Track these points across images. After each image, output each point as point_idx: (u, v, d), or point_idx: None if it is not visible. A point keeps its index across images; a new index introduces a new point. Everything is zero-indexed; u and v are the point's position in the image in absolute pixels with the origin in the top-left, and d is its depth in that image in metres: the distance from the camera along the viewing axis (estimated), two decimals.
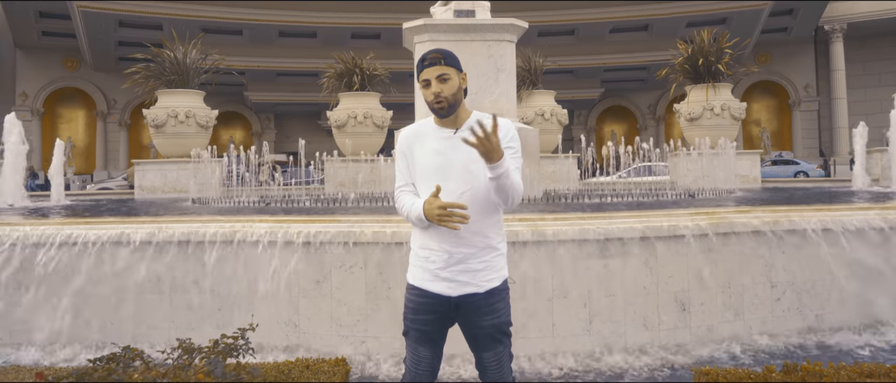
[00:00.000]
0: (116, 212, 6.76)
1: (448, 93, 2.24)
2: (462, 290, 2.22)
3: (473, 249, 2.23)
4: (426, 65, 2.26)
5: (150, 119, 11.10)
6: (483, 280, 2.23)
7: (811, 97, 32.07)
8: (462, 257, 2.22)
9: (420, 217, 2.17)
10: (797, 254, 4.88)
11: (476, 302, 2.23)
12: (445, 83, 2.24)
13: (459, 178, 2.22)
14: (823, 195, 8.05)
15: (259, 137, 31.55)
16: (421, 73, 2.28)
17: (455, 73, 2.27)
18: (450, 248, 2.22)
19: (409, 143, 2.31)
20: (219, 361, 1.51)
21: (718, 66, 11.55)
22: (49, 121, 30.25)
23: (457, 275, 2.22)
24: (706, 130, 11.44)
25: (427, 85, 2.25)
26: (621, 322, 4.47)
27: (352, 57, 12.51)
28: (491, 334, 2.26)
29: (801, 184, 12.56)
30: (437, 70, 2.24)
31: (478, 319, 2.24)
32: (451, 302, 2.23)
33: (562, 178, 11.39)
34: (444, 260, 2.22)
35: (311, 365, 2.15)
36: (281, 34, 26.59)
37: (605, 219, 4.69)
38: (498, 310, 2.26)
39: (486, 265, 2.24)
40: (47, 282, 4.58)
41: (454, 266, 2.22)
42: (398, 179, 2.33)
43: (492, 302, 2.24)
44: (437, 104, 2.24)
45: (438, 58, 2.26)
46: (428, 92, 2.25)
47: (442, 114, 2.25)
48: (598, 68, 29.44)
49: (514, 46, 7.98)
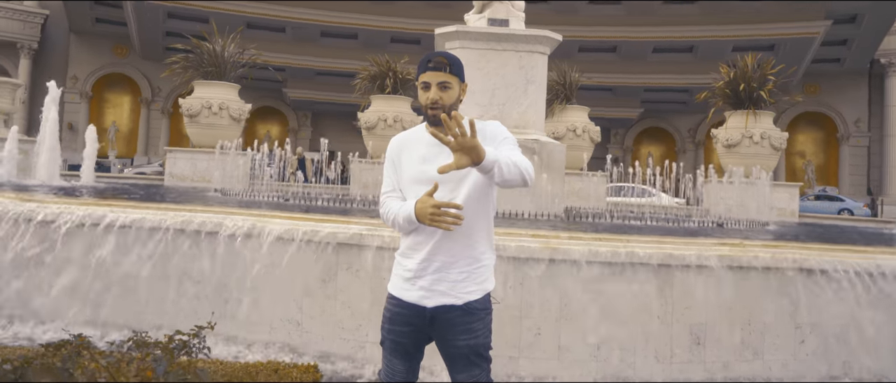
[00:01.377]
0: (130, 195, 6.85)
1: (447, 102, 2.13)
2: (438, 301, 2.10)
3: (454, 258, 2.11)
4: (430, 67, 2.15)
5: (185, 108, 11.31)
6: (462, 291, 2.11)
7: (862, 132, 30.83)
8: (441, 265, 2.11)
9: (409, 218, 2.06)
10: (826, 296, 4.59)
11: (452, 318, 2.11)
12: (445, 91, 2.13)
13: (445, 186, 2.11)
14: (863, 235, 7.63)
15: (295, 134, 32.00)
16: (422, 73, 2.16)
17: (457, 84, 2.17)
18: (428, 256, 2.11)
19: (398, 150, 2.23)
20: (162, 359, 1.43)
21: (761, 92, 11.16)
22: (96, 105, 31.30)
23: (434, 284, 2.11)
24: (744, 158, 11.04)
25: (426, 88, 2.14)
26: (631, 350, 4.26)
27: (386, 60, 12.54)
28: (466, 356, 2.13)
29: (841, 221, 12.01)
30: (440, 76, 2.13)
31: (452, 338, 2.12)
32: (426, 315, 2.12)
33: (589, 196, 11.14)
34: (422, 267, 2.12)
35: (279, 368, 2.06)
36: (322, 34, 26.94)
37: (622, 241, 4.50)
38: (475, 331, 2.13)
39: (467, 276, 2.12)
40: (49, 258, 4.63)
41: (432, 274, 2.11)
42: (385, 185, 2.24)
43: (469, 321, 2.12)
44: (431, 110, 2.13)
45: (443, 63, 2.15)
46: (425, 95, 2.15)
47: (435, 120, 2.14)
48: (638, 88, 28.91)
49: (547, 59, 7.83)
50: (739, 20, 25.43)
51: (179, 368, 1.41)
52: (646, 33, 26.44)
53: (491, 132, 2.14)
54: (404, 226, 2.11)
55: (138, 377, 1.37)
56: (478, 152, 1.88)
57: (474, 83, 7.43)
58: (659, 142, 33.59)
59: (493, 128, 2.17)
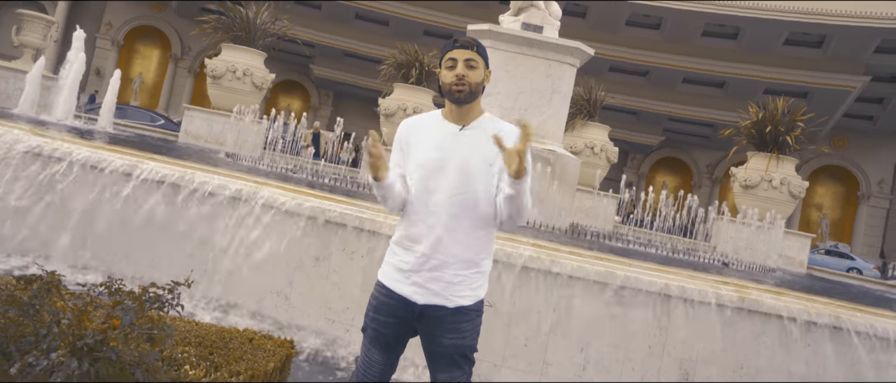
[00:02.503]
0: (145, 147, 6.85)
1: (473, 80, 2.05)
2: (429, 299, 2.03)
3: (452, 259, 2.03)
4: (457, 45, 2.08)
5: (210, 69, 11.33)
6: (455, 294, 2.04)
7: (884, 194, 30.32)
8: (438, 264, 2.03)
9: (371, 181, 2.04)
10: (825, 352, 4.46)
11: (442, 316, 2.03)
12: (472, 70, 2.06)
13: (456, 178, 2.03)
14: (871, 296, 7.46)
15: (315, 111, 32.08)
16: (448, 52, 2.08)
17: (482, 66, 2.09)
18: (427, 251, 2.03)
19: (408, 132, 2.14)
20: (131, 309, 1.37)
21: (787, 137, 10.95)
22: (125, 54, 31.57)
23: (428, 282, 2.03)
24: (760, 201, 10.85)
25: (452, 66, 2.05)
26: (617, 375, 4.18)
27: (414, 49, 12.48)
28: (450, 355, 2.05)
29: (850, 280, 11.78)
30: (466, 53, 2.06)
31: (439, 335, 2.04)
32: (416, 310, 2.04)
33: (598, 216, 11.01)
34: (419, 263, 2.04)
35: (254, 338, 2.00)
36: (356, 16, 26.95)
37: (624, 264, 4.41)
38: (462, 331, 2.06)
39: (462, 280, 2.05)
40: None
41: (428, 272, 2.03)
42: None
43: (458, 320, 2.04)
44: (457, 87, 2.04)
45: (471, 43, 2.09)
46: (450, 73, 2.06)
47: (459, 99, 2.05)
48: (662, 115, 28.63)
49: (575, 71, 7.73)
50: (776, 62, 25.09)
51: (148, 321, 1.36)
52: (679, 62, 26.17)
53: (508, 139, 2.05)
54: (375, 192, 2.07)
55: (105, 324, 1.32)
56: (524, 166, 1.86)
57: (500, 85, 7.36)
58: (675, 172, 33.27)
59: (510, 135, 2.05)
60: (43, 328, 1.29)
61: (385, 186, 2.02)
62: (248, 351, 1.86)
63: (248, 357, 1.83)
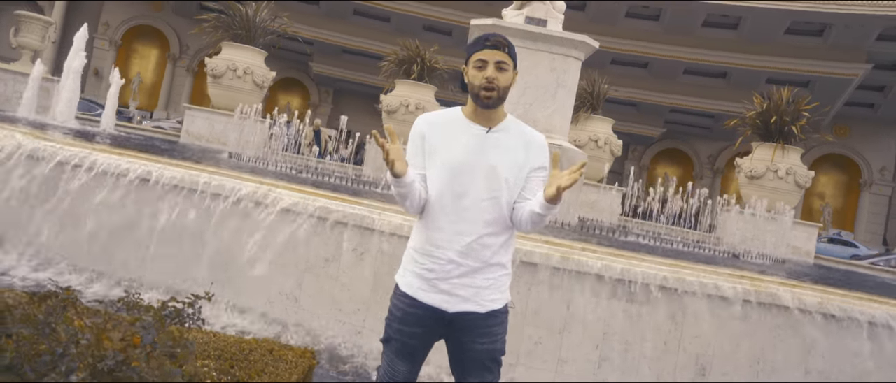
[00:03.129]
0: (149, 150, 6.79)
1: (503, 84, 1.97)
2: (461, 306, 1.96)
3: (482, 264, 1.96)
4: (488, 45, 1.98)
5: (210, 68, 11.25)
6: (486, 299, 1.97)
7: (886, 181, 30.27)
8: (467, 271, 1.95)
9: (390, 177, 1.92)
10: (842, 344, 4.41)
11: (473, 321, 1.96)
12: (502, 73, 1.97)
13: (485, 183, 1.96)
14: (885, 287, 7.40)
15: (315, 108, 31.97)
16: (478, 51, 1.99)
17: (512, 68, 2.01)
18: (456, 258, 1.95)
19: (430, 130, 2.01)
20: (151, 326, 1.31)
21: (793, 127, 10.88)
22: (123, 54, 31.44)
23: (457, 289, 1.95)
24: (766, 191, 10.79)
25: (482, 67, 1.96)
26: (633, 372, 4.13)
27: (416, 45, 12.39)
28: (481, 360, 1.99)
29: (860, 269, 11.73)
30: (498, 55, 1.97)
31: (470, 341, 1.98)
32: (445, 318, 1.97)
33: (603, 210, 10.95)
34: (446, 270, 1.95)
35: (274, 349, 1.94)
36: (355, 12, 26.81)
37: (637, 260, 4.36)
38: (495, 335, 1.99)
39: (492, 283, 1.98)
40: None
41: (457, 279, 1.95)
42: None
43: (490, 324, 1.98)
44: (486, 91, 1.95)
45: (503, 43, 1.99)
46: (479, 74, 1.96)
47: (487, 103, 1.97)
48: (663, 107, 28.53)
49: (580, 65, 7.66)
50: (777, 52, 24.98)
51: (168, 338, 1.30)
52: (680, 53, 26.05)
53: (536, 149, 2.03)
54: (394, 190, 1.95)
55: (124, 342, 1.26)
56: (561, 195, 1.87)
57: None
58: (677, 164, 33.19)
59: (538, 146, 2.04)
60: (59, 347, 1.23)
61: (406, 182, 1.91)
62: (269, 364, 1.80)
63: (270, 369, 1.77)
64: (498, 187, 1.96)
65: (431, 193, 1.99)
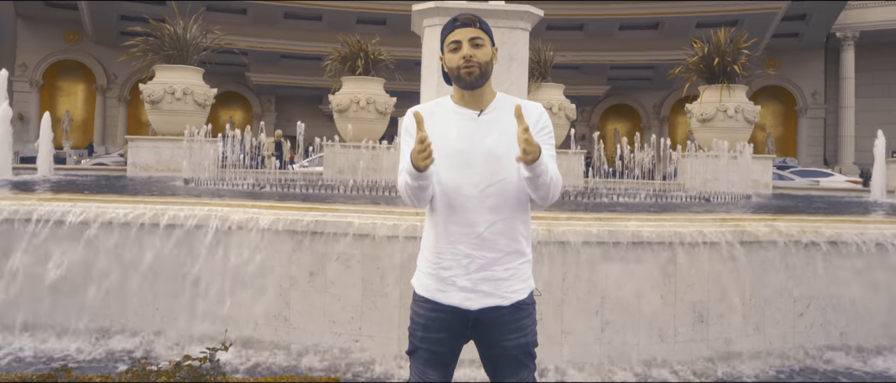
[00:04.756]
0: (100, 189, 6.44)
1: (482, 59, 1.87)
2: (483, 302, 1.86)
3: (498, 253, 1.86)
4: (458, 25, 1.89)
5: (147, 94, 10.75)
6: (508, 291, 1.88)
7: (818, 104, 31.73)
8: (485, 263, 1.85)
9: (411, 171, 1.76)
10: (822, 268, 4.57)
11: (500, 317, 1.87)
12: (479, 48, 1.87)
13: (485, 168, 1.86)
14: (842, 205, 7.74)
15: (259, 119, 31.12)
16: (450, 33, 1.89)
17: (489, 43, 1.91)
18: (470, 251, 1.85)
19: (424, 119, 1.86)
20: None
21: (734, 66, 11.21)
22: (48, 94, 29.83)
23: (478, 284, 1.85)
24: (718, 132, 11.11)
25: (456, 48, 1.87)
26: (635, 329, 4.17)
27: (357, 40, 12.15)
28: (515, 356, 1.91)
29: (815, 192, 12.25)
30: (470, 32, 1.87)
31: (500, 338, 1.89)
32: (470, 318, 1.87)
33: (568, 174, 11.06)
34: (462, 265, 1.85)
35: None
36: (285, 15, 26.14)
37: (622, 220, 4.39)
38: (524, 328, 1.91)
39: (513, 273, 1.89)
40: None
41: (475, 273, 1.85)
42: (403, 161, 1.90)
43: (518, 317, 1.89)
44: (466, 69, 1.85)
45: (473, 19, 1.90)
46: (456, 56, 1.87)
47: (470, 83, 1.87)
48: (604, 65, 29.05)
49: (528, 35, 7.63)
50: None
51: None
52: (612, 10, 26.49)
53: (534, 117, 1.92)
54: (413, 185, 1.80)
55: None
56: (534, 150, 1.71)
57: None
58: (625, 118, 33.91)
59: (537, 114, 1.93)
60: None
61: (428, 175, 1.79)
62: None
63: None
64: (501, 170, 1.86)
65: (434, 188, 1.89)
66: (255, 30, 26.00)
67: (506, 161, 1.86)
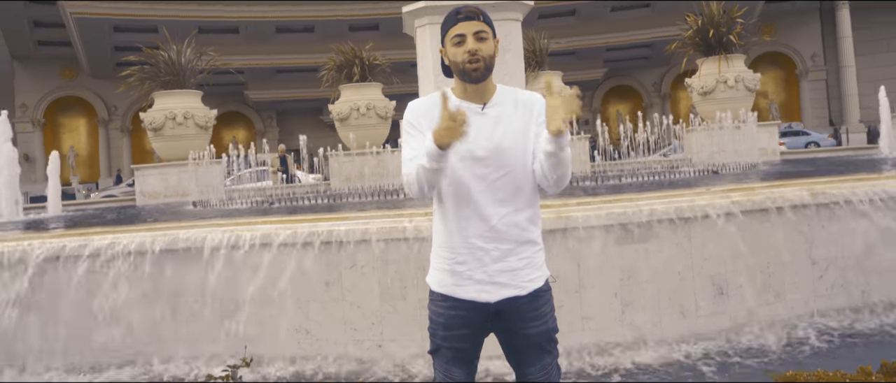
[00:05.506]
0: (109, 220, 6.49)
1: (486, 53, 1.85)
2: (502, 294, 1.86)
3: (512, 244, 1.87)
4: (461, 18, 1.86)
5: (148, 122, 10.82)
6: (525, 280, 1.88)
7: (818, 66, 31.50)
8: (499, 254, 1.85)
9: (431, 151, 1.71)
10: (837, 229, 4.54)
11: (519, 307, 1.88)
12: (483, 42, 1.86)
13: (493, 161, 1.85)
14: (852, 164, 7.68)
15: (262, 136, 31.26)
16: (453, 27, 1.86)
17: (492, 36, 1.89)
18: (484, 244, 1.85)
19: (427, 116, 1.87)
20: None
21: (730, 36, 11.14)
22: (50, 132, 30.08)
23: (494, 276, 1.86)
24: (720, 104, 11.05)
25: (461, 42, 1.85)
26: (655, 308, 4.16)
27: (351, 48, 12.17)
28: (538, 343, 1.92)
29: (824, 154, 12.17)
30: (474, 25, 1.85)
31: (522, 327, 1.89)
32: (490, 310, 1.88)
33: (575, 161, 11.04)
34: (477, 258, 1.86)
35: None
36: (278, 30, 26.24)
37: (632, 201, 4.37)
38: (544, 316, 1.92)
39: (527, 262, 1.89)
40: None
41: (491, 265, 1.85)
42: (406, 152, 1.87)
43: (537, 306, 1.90)
44: (472, 64, 1.83)
45: (476, 12, 1.87)
46: (460, 50, 1.85)
47: (476, 77, 1.86)
48: (600, 48, 28.96)
49: (520, 26, 7.63)
50: None
51: None
52: None
53: (537, 105, 1.90)
54: (431, 169, 1.75)
55: None
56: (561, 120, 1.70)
57: None
58: (626, 99, 33.81)
59: (540, 103, 1.91)
60: None
61: (448, 156, 1.74)
62: None
63: None
64: (507, 162, 1.86)
65: (442, 184, 1.89)
66: (250, 47, 26.12)
67: (513, 153, 1.87)
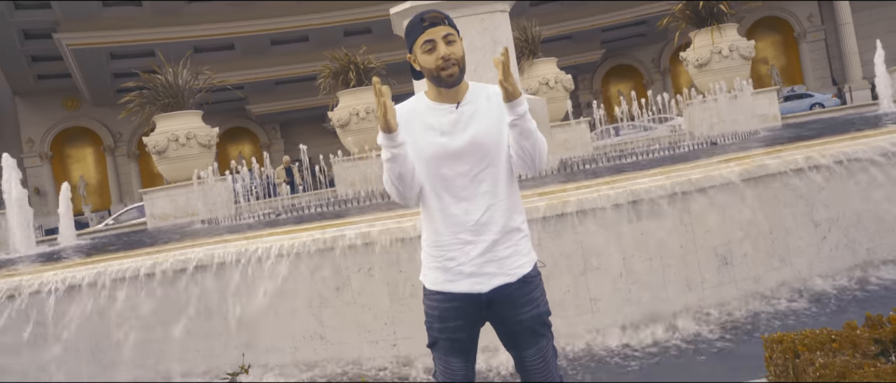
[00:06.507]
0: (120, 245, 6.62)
1: (458, 55, 1.90)
2: (492, 283, 1.93)
3: (498, 235, 1.94)
4: (426, 25, 1.90)
5: (151, 146, 10.95)
6: (513, 267, 1.95)
7: (816, 27, 31.16)
8: (486, 246, 1.93)
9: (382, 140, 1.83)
10: (837, 188, 4.57)
11: (510, 294, 1.95)
12: (453, 44, 1.90)
13: (472, 157, 1.92)
14: (851, 123, 7.66)
15: (267, 149, 31.44)
16: (420, 34, 1.91)
17: (458, 36, 1.94)
18: (469, 238, 1.92)
19: (404, 122, 1.93)
20: None
21: (720, 6, 11.11)
22: (58, 164, 30.40)
23: (483, 267, 1.92)
24: (717, 74, 11.02)
25: (432, 48, 1.89)
26: (661, 283, 4.20)
27: (345, 53, 12.24)
28: (531, 327, 1.98)
29: (825, 115, 12.11)
30: (442, 30, 1.89)
31: (514, 313, 1.96)
32: (482, 300, 1.95)
33: (575, 145, 11.07)
34: (465, 252, 1.93)
35: None
36: (273, 42, 26.33)
37: (629, 180, 4.42)
38: (535, 300, 1.99)
39: (513, 250, 1.96)
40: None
41: (478, 257, 1.92)
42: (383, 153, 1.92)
43: (527, 291, 1.97)
44: (445, 70, 1.89)
45: (440, 17, 1.92)
46: (431, 56, 1.89)
47: (451, 82, 1.91)
48: (595, 29, 28.82)
49: (508, 16, 7.66)
50: None
51: None
52: None
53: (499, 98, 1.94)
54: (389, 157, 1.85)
55: None
56: (516, 89, 1.79)
57: None
58: (626, 78, 33.64)
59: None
60: None
61: (398, 141, 1.83)
62: None
63: None
64: (487, 155, 1.93)
65: (424, 185, 1.96)
66: (247, 62, 26.24)
67: (490, 146, 1.94)
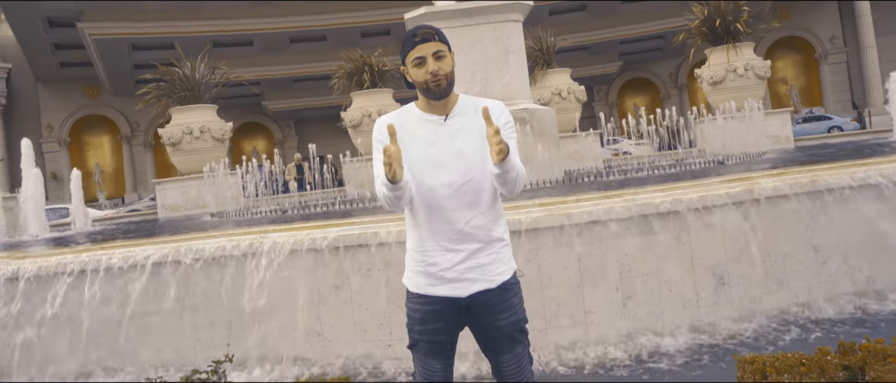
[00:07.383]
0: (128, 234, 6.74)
1: (447, 70, 2.01)
2: (472, 289, 2.01)
3: (480, 244, 2.02)
4: (418, 41, 2.02)
5: (166, 138, 11.13)
6: (493, 274, 2.03)
7: (838, 49, 30.85)
8: (468, 254, 2.01)
9: (384, 181, 1.88)
10: (839, 214, 4.55)
11: (489, 300, 2.03)
12: (442, 60, 2.01)
13: (457, 168, 2.00)
14: (859, 149, 7.61)
15: (281, 145, 31.73)
16: (412, 50, 2.02)
17: (448, 51, 2.05)
18: (453, 246, 2.01)
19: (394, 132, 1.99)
20: None
21: (737, 24, 11.08)
22: (76, 150, 30.90)
23: (464, 274, 2.01)
24: (731, 93, 10.99)
25: (421, 63, 2.01)
26: (657, 300, 4.22)
27: (360, 55, 12.36)
28: (509, 334, 2.06)
29: (836, 139, 12.02)
30: (433, 46, 2.01)
31: (492, 319, 2.04)
32: (462, 305, 2.03)
33: (585, 157, 11.08)
34: (447, 259, 2.01)
35: None
36: (292, 40, 26.61)
37: (629, 195, 4.45)
38: (513, 307, 2.06)
39: (494, 258, 2.04)
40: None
41: (460, 264, 2.01)
42: (376, 169, 2.00)
43: (506, 298, 2.05)
44: (435, 83, 2.00)
45: (432, 33, 2.03)
46: (421, 71, 2.00)
47: (439, 94, 2.01)
48: (613, 41, 28.77)
49: (521, 26, 7.72)
50: None
51: None
52: None
53: (496, 114, 2.03)
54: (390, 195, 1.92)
55: None
56: (504, 151, 1.84)
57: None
58: (642, 92, 33.53)
59: (498, 111, 2.05)
60: None
61: (402, 185, 1.91)
62: None
63: None
64: (472, 169, 2.00)
65: (413, 191, 2.02)
66: (264, 59, 26.53)
67: (475, 159, 2.01)
